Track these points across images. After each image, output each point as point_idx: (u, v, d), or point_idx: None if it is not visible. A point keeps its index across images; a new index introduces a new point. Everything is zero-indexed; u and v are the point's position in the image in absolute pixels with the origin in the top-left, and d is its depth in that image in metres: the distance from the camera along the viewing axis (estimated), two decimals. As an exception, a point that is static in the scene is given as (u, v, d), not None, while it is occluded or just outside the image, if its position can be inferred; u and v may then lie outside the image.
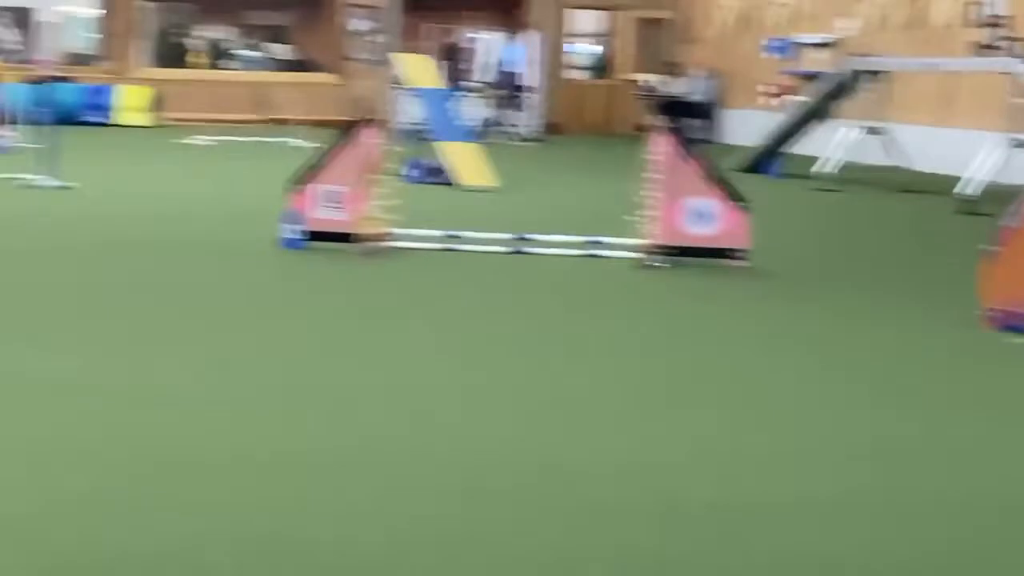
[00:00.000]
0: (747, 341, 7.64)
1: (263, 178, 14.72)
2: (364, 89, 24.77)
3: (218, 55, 28.90)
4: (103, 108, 25.24)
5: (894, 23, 22.67)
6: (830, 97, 19.29)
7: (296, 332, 7.39)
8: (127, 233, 11.10)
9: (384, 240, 10.42)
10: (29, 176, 14.33)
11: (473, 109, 23.81)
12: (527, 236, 10.98)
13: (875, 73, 18.69)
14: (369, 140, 10.42)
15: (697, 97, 27.54)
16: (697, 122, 26.34)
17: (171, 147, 21.20)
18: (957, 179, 16.00)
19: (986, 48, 17.19)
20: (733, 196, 10.27)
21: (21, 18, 26.44)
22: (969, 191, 15.33)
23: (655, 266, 10.10)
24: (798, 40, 24.79)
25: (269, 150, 20.44)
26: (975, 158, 15.90)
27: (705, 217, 10.23)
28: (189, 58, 28.70)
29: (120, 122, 25.12)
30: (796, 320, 8.39)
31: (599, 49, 30.64)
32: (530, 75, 26.00)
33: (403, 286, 9.06)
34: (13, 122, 18.50)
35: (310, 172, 10.47)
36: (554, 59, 28.24)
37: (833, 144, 18.53)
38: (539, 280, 9.49)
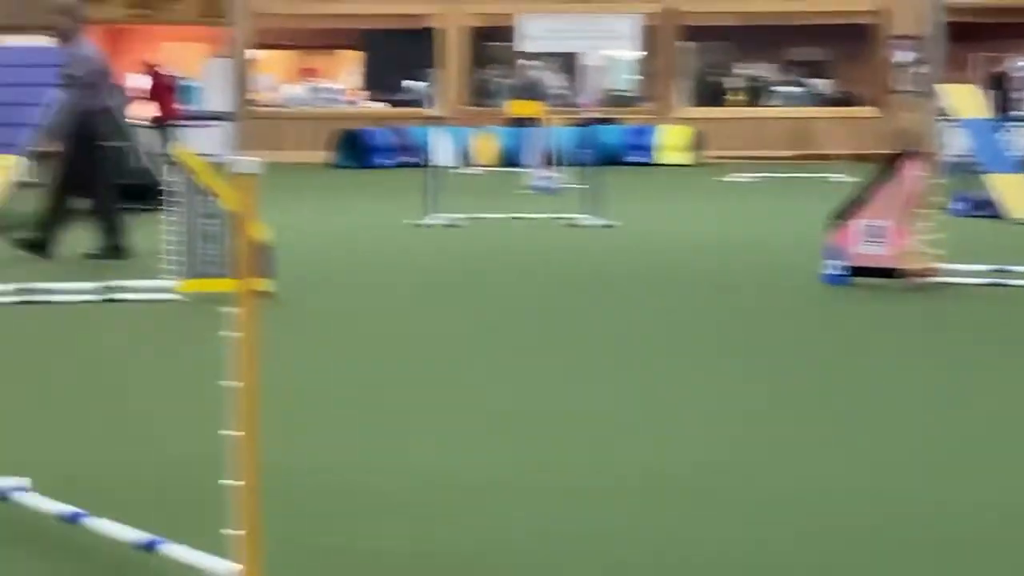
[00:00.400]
0: None
1: (803, 214, 14.55)
2: (908, 121, 24.21)
3: (757, 92, 28.95)
4: (645, 148, 25.70)
5: None
6: None
7: (844, 371, 7.20)
8: (668, 269, 11.26)
9: (929, 275, 10.05)
10: (574, 215, 14.71)
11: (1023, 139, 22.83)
12: (1084, 271, 10.33)
13: None
14: (912, 173, 10.09)
15: None
16: None
17: (711, 185, 21.34)
18: None
19: None
20: None
21: (567, 63, 27.34)
22: None
23: None
24: None
25: (809, 186, 20.25)
26: None
27: None
28: (728, 96, 28.89)
29: (661, 161, 25.50)
30: None
31: None
32: (1085, 102, 24.72)
33: (950, 324, 8.73)
34: (559, 164, 19.10)
35: (852, 207, 10.25)
36: (1111, 84, 26.75)
37: None
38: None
